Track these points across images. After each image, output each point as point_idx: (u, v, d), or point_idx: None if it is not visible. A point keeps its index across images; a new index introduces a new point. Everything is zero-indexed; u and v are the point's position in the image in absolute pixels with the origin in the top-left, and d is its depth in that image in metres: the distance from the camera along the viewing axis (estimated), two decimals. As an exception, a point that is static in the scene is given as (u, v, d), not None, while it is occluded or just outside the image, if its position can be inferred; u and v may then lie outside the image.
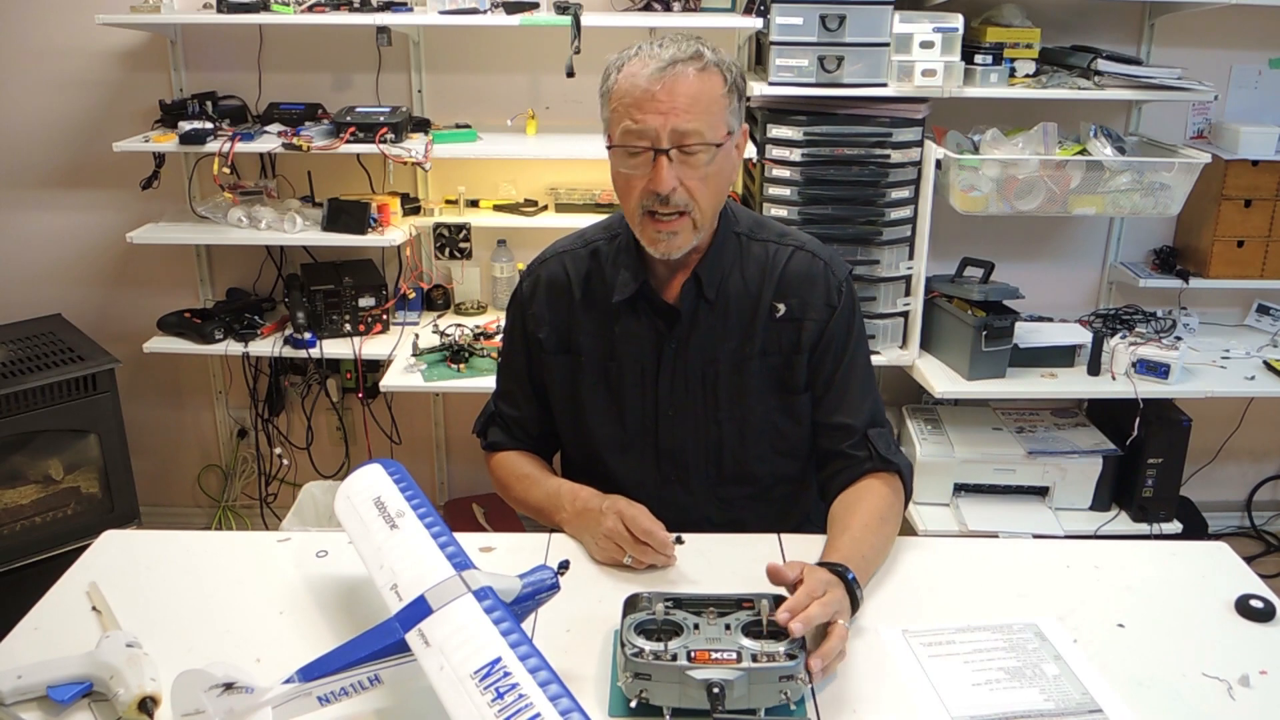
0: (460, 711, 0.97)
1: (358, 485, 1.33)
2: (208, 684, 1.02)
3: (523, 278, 1.63)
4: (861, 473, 1.50)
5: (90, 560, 1.45)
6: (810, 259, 1.53)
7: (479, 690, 0.98)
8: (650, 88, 1.35)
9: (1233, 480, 3.24)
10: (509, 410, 1.66)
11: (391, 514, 1.25)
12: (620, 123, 1.39)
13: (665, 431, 1.56)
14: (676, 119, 1.35)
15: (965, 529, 2.60)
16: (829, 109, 2.48)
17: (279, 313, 2.89)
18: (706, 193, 1.41)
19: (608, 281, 1.54)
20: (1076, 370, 2.64)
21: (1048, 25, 2.57)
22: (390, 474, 1.32)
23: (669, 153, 1.36)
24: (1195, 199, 2.57)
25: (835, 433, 1.53)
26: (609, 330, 1.54)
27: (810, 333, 1.52)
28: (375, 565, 1.20)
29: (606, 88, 1.42)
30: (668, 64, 1.35)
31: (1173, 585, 1.40)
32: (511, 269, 2.87)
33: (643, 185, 1.39)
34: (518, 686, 0.97)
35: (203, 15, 2.56)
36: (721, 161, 1.41)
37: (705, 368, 1.53)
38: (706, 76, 1.38)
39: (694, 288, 1.50)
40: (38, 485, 2.58)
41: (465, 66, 2.82)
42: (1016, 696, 1.16)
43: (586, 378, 1.57)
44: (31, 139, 2.87)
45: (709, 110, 1.37)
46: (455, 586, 1.10)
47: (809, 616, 1.14)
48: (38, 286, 2.99)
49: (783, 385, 1.54)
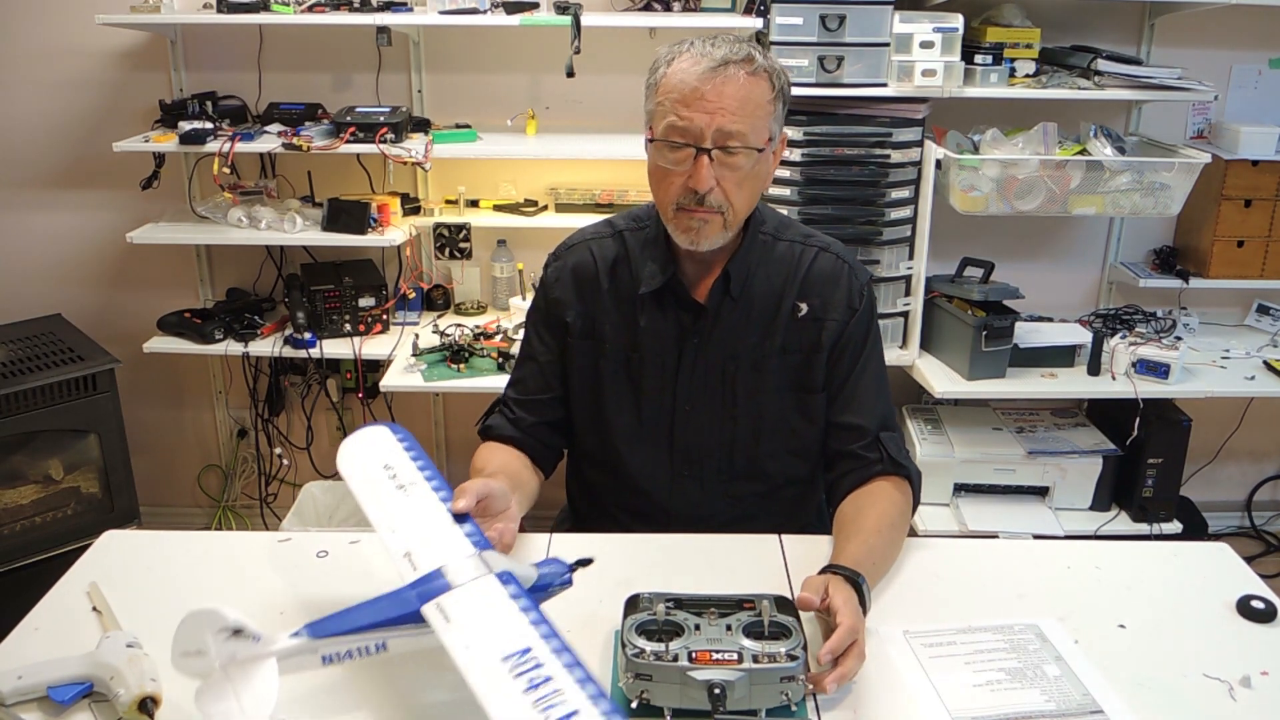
0: (493, 696, 0.94)
1: (364, 443, 1.30)
2: (217, 626, 1.00)
3: (549, 261, 1.62)
4: (872, 474, 1.50)
5: (90, 560, 1.45)
6: (835, 261, 1.54)
7: (510, 677, 0.95)
8: (700, 86, 1.35)
9: (1233, 480, 3.24)
10: (515, 395, 1.63)
11: (403, 479, 1.22)
12: (665, 117, 1.38)
13: (680, 425, 1.57)
14: (723, 120, 1.35)
15: (965, 529, 2.60)
16: (829, 109, 2.48)
17: (279, 313, 2.89)
18: (742, 196, 1.41)
19: (635, 273, 1.54)
20: (1076, 370, 2.64)
21: (1048, 25, 2.58)
22: (399, 439, 1.30)
23: (710, 153, 1.37)
24: (1195, 199, 2.57)
25: (847, 433, 1.53)
26: (634, 321, 1.54)
27: (830, 332, 1.52)
28: (386, 527, 1.17)
29: (654, 80, 1.42)
30: (719, 63, 1.36)
31: (1173, 586, 1.40)
32: (511, 269, 2.87)
33: (681, 181, 1.39)
34: (552, 680, 0.94)
35: (203, 15, 2.56)
36: (760, 166, 1.42)
37: (725, 363, 1.53)
38: (756, 81, 1.38)
39: (722, 285, 1.51)
40: (38, 485, 2.58)
41: (465, 66, 2.82)
42: (1017, 697, 1.16)
43: (609, 365, 1.57)
44: (31, 139, 2.87)
45: (754, 114, 1.38)
46: (476, 565, 1.09)
47: (845, 674, 1.13)
48: (38, 286, 2.99)
49: (800, 384, 1.55)
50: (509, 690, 0.94)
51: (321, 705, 1.15)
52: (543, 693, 0.93)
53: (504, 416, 1.62)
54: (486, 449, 1.59)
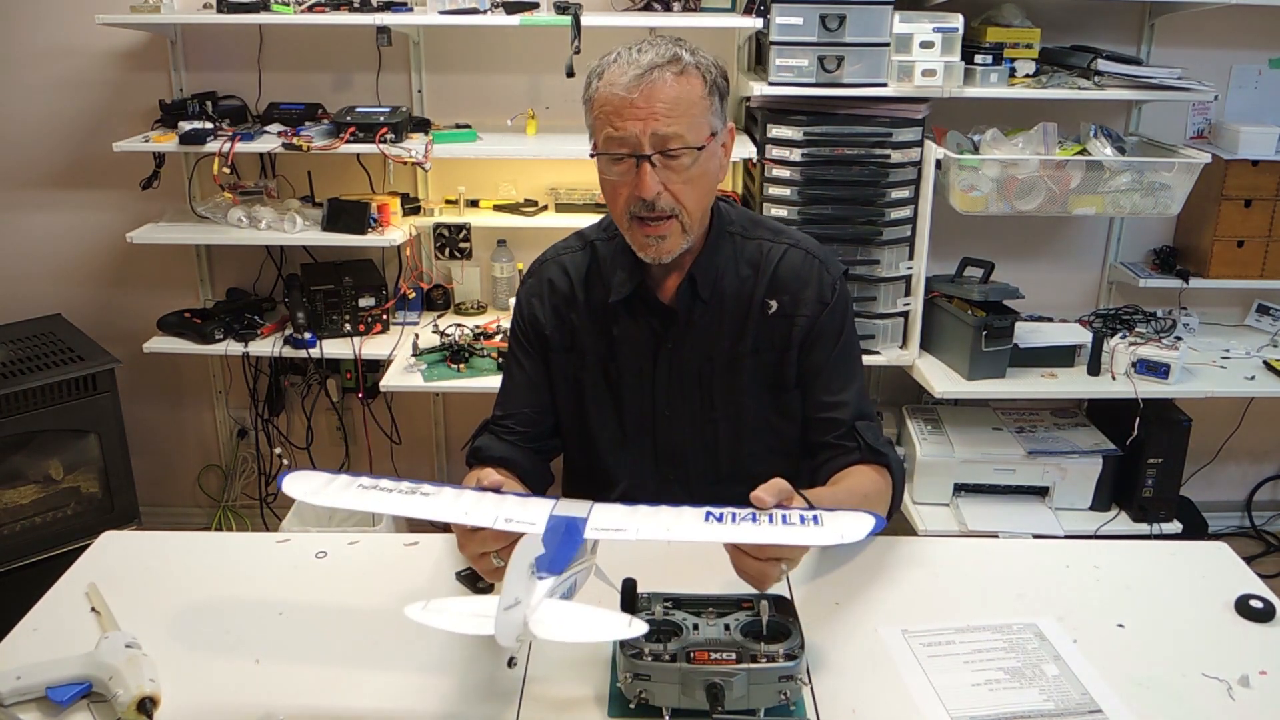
0: (742, 533, 1.09)
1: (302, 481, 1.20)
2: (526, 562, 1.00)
3: (525, 277, 1.63)
4: (850, 462, 1.50)
5: (90, 560, 1.45)
6: (804, 256, 1.53)
7: (732, 523, 1.09)
8: (628, 95, 1.36)
9: (1233, 480, 3.24)
10: (502, 413, 1.61)
11: (405, 489, 1.18)
12: (602, 130, 1.39)
13: (662, 431, 1.57)
14: (656, 124, 1.35)
15: (965, 529, 2.60)
16: (829, 109, 2.48)
17: (279, 313, 2.89)
18: (692, 195, 1.41)
19: (607, 282, 1.54)
20: (1076, 370, 2.64)
21: (1048, 25, 2.57)
22: (327, 474, 1.22)
23: (651, 158, 1.36)
24: (1195, 199, 2.57)
25: (823, 425, 1.53)
26: (608, 331, 1.55)
27: (801, 328, 1.51)
28: (458, 511, 1.14)
29: (588, 96, 1.43)
30: (645, 70, 1.36)
31: (1173, 585, 1.40)
32: (511, 269, 2.87)
33: (628, 192, 1.40)
34: (756, 515, 1.10)
35: (203, 15, 2.56)
36: (706, 163, 1.41)
37: (700, 367, 1.53)
38: (685, 80, 1.38)
39: (689, 288, 1.50)
40: (38, 485, 2.59)
41: (465, 66, 2.82)
42: (1016, 697, 1.16)
43: (589, 377, 1.57)
44: (31, 139, 2.88)
45: (689, 113, 1.37)
46: (576, 503, 1.14)
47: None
48: (38, 286, 2.99)
49: (775, 383, 1.54)
50: (747, 528, 1.09)
51: (320, 707, 1.16)
52: (764, 517, 1.09)
53: (493, 436, 1.59)
54: (473, 475, 1.53)
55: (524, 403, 1.59)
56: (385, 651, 1.24)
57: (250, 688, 1.18)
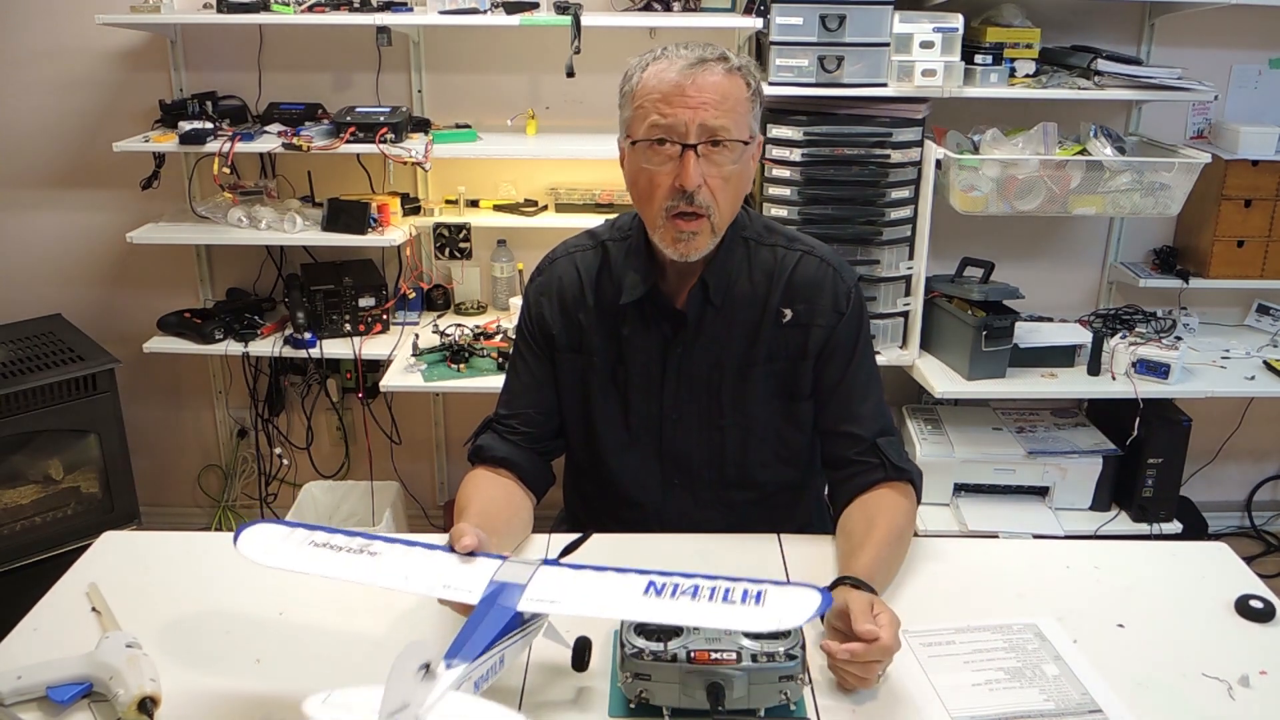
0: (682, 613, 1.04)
1: (260, 538, 1.22)
2: (414, 667, 0.94)
3: (534, 274, 1.61)
4: (874, 481, 1.48)
5: (90, 560, 1.45)
6: (819, 264, 1.52)
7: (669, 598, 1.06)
8: (681, 81, 1.35)
9: (1233, 480, 3.24)
10: (505, 411, 1.60)
11: (356, 547, 1.19)
12: (647, 118, 1.38)
13: (669, 436, 1.55)
14: (706, 113, 1.35)
15: (965, 529, 2.60)
16: (829, 109, 2.48)
17: (279, 313, 2.89)
18: (727, 195, 1.40)
19: (617, 283, 1.53)
20: (1076, 370, 2.64)
21: (1048, 25, 2.57)
22: (288, 527, 1.24)
23: (696, 148, 1.36)
24: (1195, 199, 2.57)
25: (843, 441, 1.51)
26: (617, 332, 1.53)
27: (817, 338, 1.50)
28: (398, 577, 1.14)
29: (630, 87, 1.41)
30: (697, 60, 1.36)
31: (1173, 585, 1.40)
32: (511, 269, 2.87)
33: (668, 183, 1.38)
34: (697, 586, 1.07)
35: (203, 15, 2.56)
36: (744, 163, 1.41)
37: (710, 372, 1.52)
38: (733, 78, 1.38)
39: (701, 293, 1.49)
40: (38, 485, 2.59)
41: (465, 66, 2.82)
42: (1016, 697, 1.16)
43: (596, 378, 1.55)
44: (31, 139, 2.87)
45: (736, 109, 1.38)
46: (519, 567, 1.13)
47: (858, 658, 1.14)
48: (38, 286, 2.99)
49: (787, 391, 1.53)
50: (684, 605, 1.04)
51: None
52: (705, 590, 1.06)
53: (495, 434, 1.58)
54: (472, 483, 1.52)
55: (528, 402, 1.58)
56: (385, 651, 1.24)
57: (250, 688, 1.18)
